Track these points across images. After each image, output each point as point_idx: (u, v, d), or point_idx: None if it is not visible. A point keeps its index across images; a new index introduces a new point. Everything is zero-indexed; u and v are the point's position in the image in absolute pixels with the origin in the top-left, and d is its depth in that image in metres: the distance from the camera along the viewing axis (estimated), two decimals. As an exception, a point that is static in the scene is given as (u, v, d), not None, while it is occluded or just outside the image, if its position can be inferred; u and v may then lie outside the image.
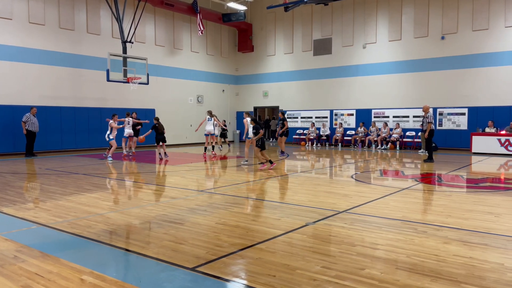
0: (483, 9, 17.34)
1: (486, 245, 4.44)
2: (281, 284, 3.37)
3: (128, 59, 16.16)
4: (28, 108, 15.17)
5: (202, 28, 20.73)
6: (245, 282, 3.47)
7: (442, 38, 18.36)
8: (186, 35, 22.68)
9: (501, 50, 17.01)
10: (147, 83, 17.01)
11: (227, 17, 22.66)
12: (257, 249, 4.28)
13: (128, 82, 16.04)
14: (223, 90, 25.22)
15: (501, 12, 16.98)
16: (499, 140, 15.54)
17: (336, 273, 3.60)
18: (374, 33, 20.39)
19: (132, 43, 17.14)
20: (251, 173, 10.63)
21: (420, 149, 17.29)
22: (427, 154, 16.14)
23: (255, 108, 25.49)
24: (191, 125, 17.84)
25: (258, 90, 25.15)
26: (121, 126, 14.71)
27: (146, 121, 16.68)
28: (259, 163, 11.60)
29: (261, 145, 11.21)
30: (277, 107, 24.32)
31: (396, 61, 19.76)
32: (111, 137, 13.79)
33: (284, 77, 23.84)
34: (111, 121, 13.80)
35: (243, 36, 25.15)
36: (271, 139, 26.66)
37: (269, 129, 27.35)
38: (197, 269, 3.72)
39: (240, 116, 25.89)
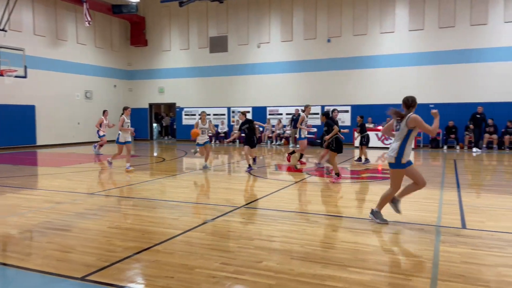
0: (362, 16, 19.16)
1: (368, 230, 4.90)
2: (180, 285, 3.29)
3: (1, 49, 14.31)
4: None
5: (89, 19, 19.21)
6: (141, 287, 3.32)
7: (328, 41, 19.81)
8: (71, 26, 20.86)
9: (377, 54, 19.01)
10: (25, 77, 15.27)
11: (118, 9, 21.42)
12: (154, 251, 4.13)
13: (1, 75, 14.24)
14: (115, 86, 23.82)
15: (376, 19, 18.97)
16: (377, 135, 17.36)
17: (235, 268, 3.64)
18: (268, 33, 21.14)
19: (6, 31, 15.21)
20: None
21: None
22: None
23: (151, 105, 24.59)
24: (78, 123, 16.47)
25: (153, 86, 24.28)
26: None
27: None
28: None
29: (336, 148, 8.56)
30: (174, 104, 23.81)
31: (289, 61, 20.77)
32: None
33: (180, 73, 23.40)
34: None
35: (136, 29, 24.01)
36: (167, 137, 26.05)
37: (162, 126, 26.70)
38: (87, 278, 3.45)
39: (135, 113, 24.67)
